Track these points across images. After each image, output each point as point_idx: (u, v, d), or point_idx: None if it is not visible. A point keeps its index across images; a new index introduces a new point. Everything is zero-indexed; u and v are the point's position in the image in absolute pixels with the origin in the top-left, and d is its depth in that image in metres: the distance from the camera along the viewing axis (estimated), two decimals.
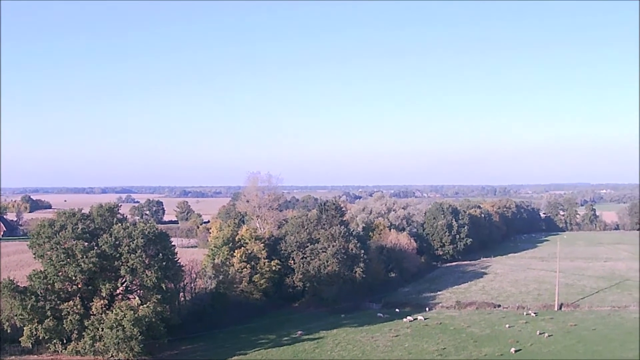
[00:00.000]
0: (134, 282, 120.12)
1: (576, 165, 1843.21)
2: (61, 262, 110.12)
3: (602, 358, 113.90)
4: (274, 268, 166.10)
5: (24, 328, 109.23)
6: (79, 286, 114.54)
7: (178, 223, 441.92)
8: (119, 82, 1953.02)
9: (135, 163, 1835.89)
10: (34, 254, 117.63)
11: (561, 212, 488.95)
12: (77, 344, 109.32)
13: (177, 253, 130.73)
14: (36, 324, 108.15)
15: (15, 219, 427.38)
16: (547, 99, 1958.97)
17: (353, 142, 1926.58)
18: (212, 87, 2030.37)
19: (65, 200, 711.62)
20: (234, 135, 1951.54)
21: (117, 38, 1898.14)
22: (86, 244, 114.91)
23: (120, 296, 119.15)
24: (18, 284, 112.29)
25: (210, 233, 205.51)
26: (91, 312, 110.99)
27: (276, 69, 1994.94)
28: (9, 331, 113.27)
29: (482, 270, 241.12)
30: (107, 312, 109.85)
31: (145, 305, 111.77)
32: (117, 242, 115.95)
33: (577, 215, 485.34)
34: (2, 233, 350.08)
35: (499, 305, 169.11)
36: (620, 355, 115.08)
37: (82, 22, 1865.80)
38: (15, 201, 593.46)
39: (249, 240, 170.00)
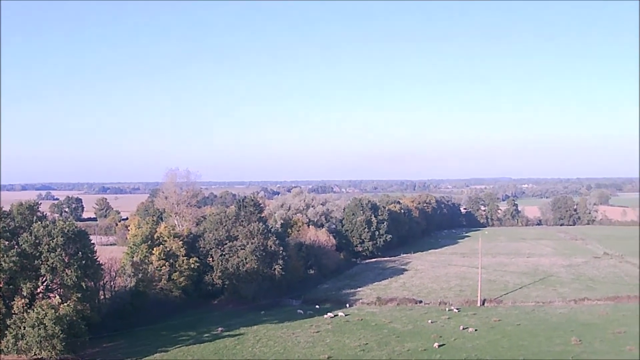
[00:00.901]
0: (54, 281, 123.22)
1: (498, 160, 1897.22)
2: None
3: (528, 352, 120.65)
4: (192, 266, 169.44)
5: None
6: (0, 285, 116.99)
7: (97, 220, 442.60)
8: (37, 80, 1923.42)
9: (55, 159, 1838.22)
10: None
11: (482, 207, 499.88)
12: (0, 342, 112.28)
13: (96, 251, 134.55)
14: None
15: None
16: (465, 95, 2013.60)
17: (269, 137, 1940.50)
18: (129, 84, 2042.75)
19: None
20: (152, 131, 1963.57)
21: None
22: (7, 242, 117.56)
23: (41, 295, 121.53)
24: None
25: (129, 230, 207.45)
26: (13, 311, 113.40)
27: (195, 66, 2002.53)
28: None
29: (403, 267, 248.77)
30: (28, 311, 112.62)
31: (65, 304, 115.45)
32: (37, 241, 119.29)
33: (499, 211, 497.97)
34: None
35: (421, 301, 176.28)
36: (547, 350, 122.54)
37: None
38: None
39: (168, 237, 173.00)
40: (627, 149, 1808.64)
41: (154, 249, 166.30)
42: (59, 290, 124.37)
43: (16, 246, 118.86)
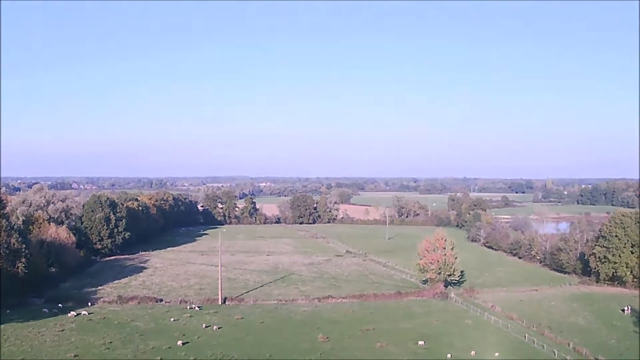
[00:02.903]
0: None
1: (235, 159, 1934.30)
2: None
3: (274, 349, 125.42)
4: None
5: None
6: None
7: None
8: None
9: None
10: None
11: (220, 205, 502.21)
12: None
13: None
14: None
15: None
16: (192, 91, 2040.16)
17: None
18: None
19: None
20: None
21: None
22: None
23: None
24: None
25: None
26: None
27: None
28: None
29: (142, 265, 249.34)
30: None
31: None
32: None
33: (237, 208, 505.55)
34: None
35: (162, 300, 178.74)
36: (294, 347, 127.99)
37: None
38: None
39: None
40: (366, 149, 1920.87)
41: None
42: None
43: None
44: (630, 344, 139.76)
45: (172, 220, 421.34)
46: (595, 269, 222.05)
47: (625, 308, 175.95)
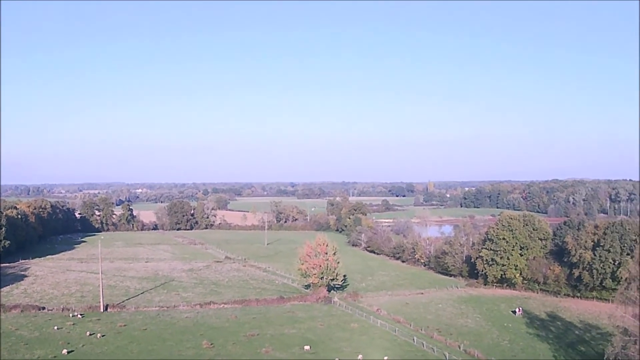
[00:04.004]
0: None
1: (111, 165, 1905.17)
2: None
3: (159, 357, 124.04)
4: None
5: None
6: None
7: None
8: None
9: None
10: None
11: (97, 212, 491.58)
12: None
13: None
14: None
15: None
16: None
17: None
18: None
19: None
20: None
21: None
22: None
23: None
24: None
25: None
26: None
27: None
28: None
29: (22, 273, 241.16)
30: None
31: None
32: None
33: (114, 215, 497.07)
34: None
35: (44, 308, 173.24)
36: (178, 354, 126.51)
37: None
38: None
39: None
40: (242, 154, 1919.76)
41: None
42: None
43: None
44: (524, 345, 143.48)
45: (50, 228, 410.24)
46: (482, 271, 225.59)
47: (517, 310, 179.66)
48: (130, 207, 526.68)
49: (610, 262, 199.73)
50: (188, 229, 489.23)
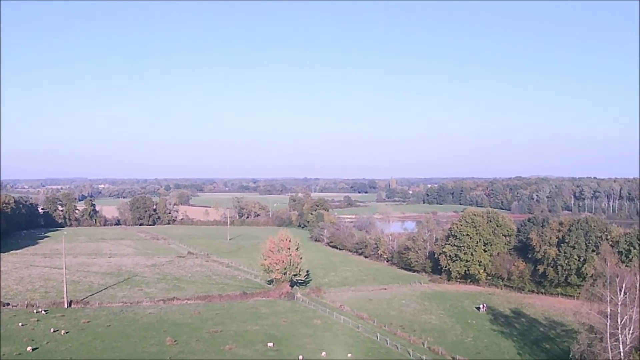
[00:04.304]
0: None
1: (73, 161, 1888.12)
2: None
3: (122, 354, 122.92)
4: None
5: None
6: None
7: None
8: None
9: None
10: None
11: (60, 208, 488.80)
12: None
13: None
14: None
15: None
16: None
17: None
18: None
19: None
20: None
21: None
22: None
23: None
24: None
25: None
26: None
27: None
28: None
29: None
30: None
31: None
32: None
33: (77, 211, 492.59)
34: None
35: (8, 304, 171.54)
36: (142, 351, 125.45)
37: None
38: None
39: None
40: (204, 150, 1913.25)
41: None
42: None
43: None
44: (488, 342, 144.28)
45: (13, 223, 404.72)
46: (446, 267, 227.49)
47: (481, 306, 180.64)
48: (93, 203, 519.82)
49: (575, 259, 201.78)
50: (150, 224, 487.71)
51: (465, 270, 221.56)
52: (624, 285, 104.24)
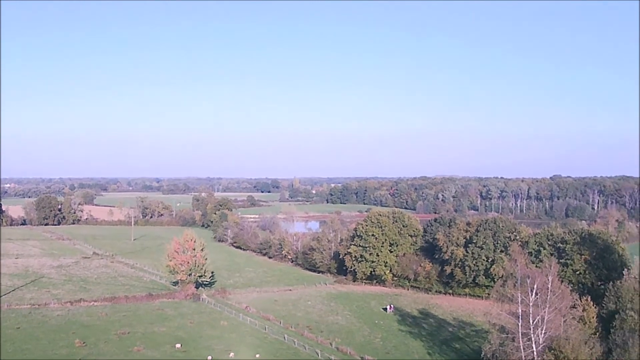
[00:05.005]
0: None
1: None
2: None
3: (33, 357, 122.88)
4: None
5: None
6: None
7: None
8: None
9: None
10: None
11: None
12: None
13: None
14: None
15: None
16: None
17: None
18: None
19: None
20: None
21: None
22: None
23: None
24: None
25: None
26: None
27: None
28: None
29: None
30: None
31: None
32: None
33: None
34: None
35: None
36: (52, 353, 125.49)
37: None
38: None
39: None
40: (108, 148, 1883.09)
41: None
42: None
43: None
44: (397, 342, 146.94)
45: None
46: (351, 267, 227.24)
47: (388, 307, 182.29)
48: None
49: (484, 259, 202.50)
50: (56, 224, 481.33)
51: (371, 271, 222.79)
52: (535, 286, 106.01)
